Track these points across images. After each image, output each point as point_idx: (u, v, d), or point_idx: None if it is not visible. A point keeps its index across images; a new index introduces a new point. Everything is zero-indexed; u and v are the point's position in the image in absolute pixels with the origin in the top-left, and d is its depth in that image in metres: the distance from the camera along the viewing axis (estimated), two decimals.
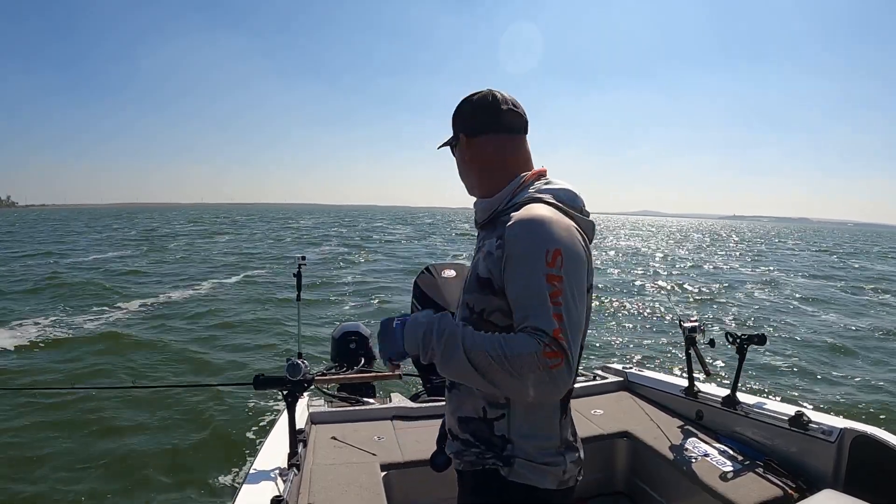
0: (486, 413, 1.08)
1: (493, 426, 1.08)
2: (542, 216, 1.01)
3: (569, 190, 1.12)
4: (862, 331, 9.45)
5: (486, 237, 1.12)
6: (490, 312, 1.06)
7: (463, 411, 1.12)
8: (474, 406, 1.10)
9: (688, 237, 49.06)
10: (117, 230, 40.19)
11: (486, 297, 1.06)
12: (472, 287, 1.10)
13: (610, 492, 2.21)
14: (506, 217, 1.06)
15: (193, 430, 4.68)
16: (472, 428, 1.11)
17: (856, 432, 1.69)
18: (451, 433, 1.18)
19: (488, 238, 1.09)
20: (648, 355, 7.32)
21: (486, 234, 1.13)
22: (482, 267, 1.07)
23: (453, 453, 1.17)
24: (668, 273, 17.97)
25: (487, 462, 1.08)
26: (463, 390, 1.11)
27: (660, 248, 31.29)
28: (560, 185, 1.12)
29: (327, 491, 1.70)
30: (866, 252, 37.45)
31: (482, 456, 1.09)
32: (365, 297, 11.65)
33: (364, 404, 2.52)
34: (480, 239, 1.16)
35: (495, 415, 1.07)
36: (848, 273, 20.64)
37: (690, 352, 2.23)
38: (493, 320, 1.06)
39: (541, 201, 1.07)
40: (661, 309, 10.78)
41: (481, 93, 1.17)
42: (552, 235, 0.97)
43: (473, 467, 1.11)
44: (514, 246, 0.99)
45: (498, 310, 1.05)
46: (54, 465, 4.05)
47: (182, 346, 7.47)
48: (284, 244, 27.52)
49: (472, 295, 1.09)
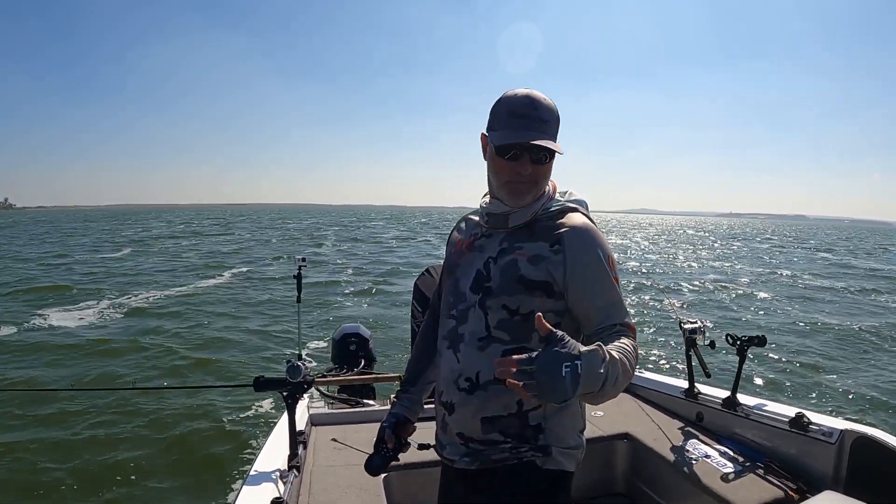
0: (523, 405, 1.09)
1: (527, 417, 1.09)
2: (592, 226, 1.10)
3: (585, 200, 1.18)
4: (862, 331, 9.45)
5: (516, 240, 1.12)
6: (541, 315, 1.05)
7: (489, 410, 1.10)
8: (505, 403, 1.09)
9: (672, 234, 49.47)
10: (107, 231, 40.14)
11: (539, 300, 1.07)
12: (511, 288, 1.09)
13: (610, 493, 2.21)
14: (548, 223, 1.11)
15: (193, 432, 4.67)
16: (501, 426, 1.10)
17: (856, 434, 1.69)
18: (460, 437, 1.14)
19: (524, 241, 1.11)
20: (649, 356, 7.32)
21: (513, 237, 1.13)
22: (529, 270, 1.08)
23: (465, 455, 1.13)
24: (662, 271, 17.99)
25: (524, 455, 1.09)
26: (492, 389, 1.08)
27: (654, 246, 31.34)
28: (580, 196, 1.18)
29: (327, 492, 1.70)
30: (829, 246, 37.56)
31: (516, 450, 1.09)
32: (352, 298, 11.66)
33: (364, 406, 2.53)
34: (502, 240, 1.14)
35: (531, 406, 1.08)
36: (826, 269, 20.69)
37: (691, 353, 2.23)
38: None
39: (577, 211, 1.13)
40: (662, 309, 10.78)
41: (543, 95, 1.10)
42: (605, 243, 1.09)
43: (505, 463, 1.10)
44: (584, 254, 1.06)
45: (551, 310, 1.07)
46: (54, 466, 4.04)
47: (182, 347, 7.47)
48: (284, 244, 27.55)
49: (516, 297, 1.08)
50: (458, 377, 1.13)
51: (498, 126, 1.09)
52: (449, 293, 1.21)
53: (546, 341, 0.83)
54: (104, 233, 38.78)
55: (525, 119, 1.06)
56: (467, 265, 1.18)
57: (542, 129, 1.07)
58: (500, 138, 1.07)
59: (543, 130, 1.07)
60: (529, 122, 1.06)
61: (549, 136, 1.07)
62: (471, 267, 1.16)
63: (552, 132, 1.08)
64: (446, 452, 1.18)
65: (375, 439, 1.26)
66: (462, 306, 1.15)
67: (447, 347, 1.17)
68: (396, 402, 1.31)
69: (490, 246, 1.15)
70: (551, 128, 1.08)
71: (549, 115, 1.08)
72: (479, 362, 1.10)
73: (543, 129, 1.07)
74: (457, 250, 1.24)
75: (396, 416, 1.28)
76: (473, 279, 1.15)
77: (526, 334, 1.08)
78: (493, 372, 1.04)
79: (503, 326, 1.09)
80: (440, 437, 1.22)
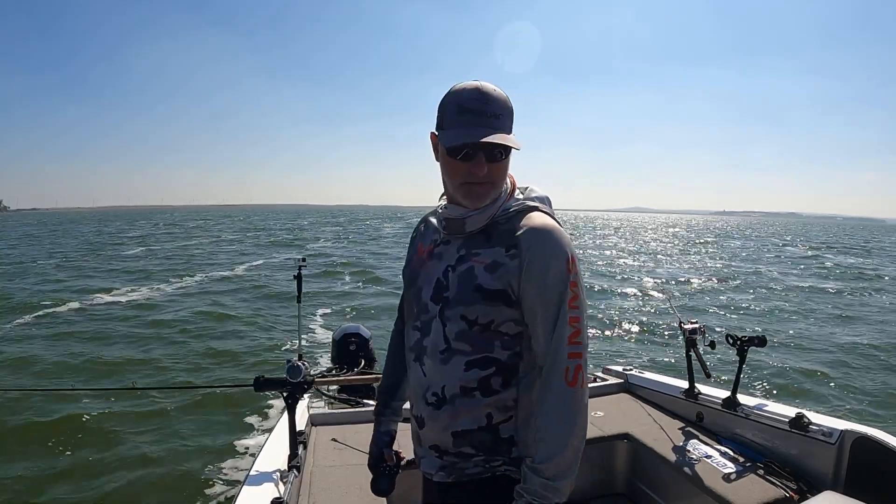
0: (492, 418, 1.04)
1: (498, 430, 1.05)
2: (553, 227, 1.01)
3: (548, 197, 1.10)
4: (861, 331, 9.45)
5: (473, 246, 1.05)
6: (500, 324, 1.02)
7: (458, 425, 1.05)
8: (475, 416, 1.04)
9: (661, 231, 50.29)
10: (108, 231, 40.27)
11: (497, 309, 1.01)
12: (468, 298, 1.02)
13: (610, 493, 2.21)
14: (505, 226, 1.03)
15: (193, 432, 4.68)
16: (472, 439, 1.05)
17: (856, 434, 1.69)
18: (435, 449, 1.10)
19: (481, 247, 1.04)
20: (649, 357, 7.32)
21: (470, 242, 1.06)
22: (487, 278, 1.01)
23: (441, 468, 1.10)
24: (655, 268, 17.99)
25: (497, 469, 1.05)
26: (459, 403, 1.04)
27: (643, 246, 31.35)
28: (541, 193, 1.10)
29: (327, 492, 1.70)
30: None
31: (488, 463, 1.05)
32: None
33: (364, 406, 2.53)
34: (460, 247, 1.07)
35: (501, 418, 1.04)
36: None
37: (691, 354, 2.23)
38: (503, 330, 1.02)
39: (537, 209, 1.05)
40: (662, 310, 10.78)
41: (494, 86, 1.02)
42: (566, 246, 1.00)
43: (480, 477, 1.06)
44: (539, 261, 0.98)
45: (511, 320, 1.02)
46: (53, 466, 4.05)
47: (182, 347, 7.48)
48: (281, 244, 27.57)
49: (474, 307, 1.02)
50: (426, 391, 1.08)
51: (447, 124, 1.01)
52: (413, 303, 1.14)
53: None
54: (103, 232, 38.85)
55: (476, 115, 0.98)
56: (428, 274, 1.11)
57: (496, 125, 0.98)
58: (451, 138, 0.99)
59: (497, 126, 0.98)
60: (481, 117, 0.98)
61: (504, 131, 0.99)
62: (431, 276, 1.10)
63: (506, 126, 1.00)
64: (423, 465, 1.15)
65: (371, 461, 1.25)
66: (425, 317, 1.09)
67: (413, 360, 1.12)
68: (381, 419, 1.28)
69: (448, 253, 1.09)
70: (505, 122, 1.00)
71: (502, 109, 1.00)
72: (443, 376, 1.05)
73: (497, 125, 0.98)
74: (418, 258, 1.17)
75: (388, 433, 1.27)
76: (433, 289, 1.08)
77: (488, 344, 1.03)
78: (458, 385, 1.04)
79: (462, 337, 1.03)
80: (416, 450, 1.17)
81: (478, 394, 1.03)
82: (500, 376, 1.03)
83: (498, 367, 1.03)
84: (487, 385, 1.03)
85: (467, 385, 1.03)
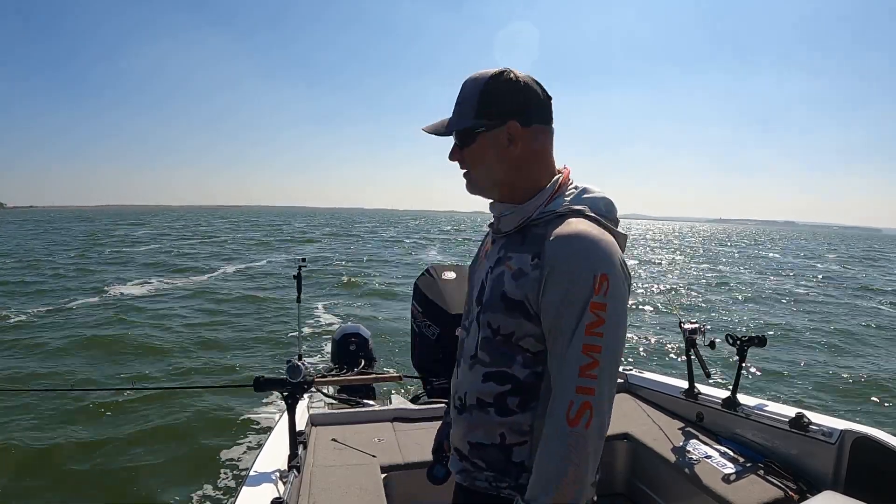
0: (506, 439, 0.98)
1: (511, 452, 0.98)
2: (589, 237, 0.87)
3: (608, 200, 0.97)
4: (861, 332, 9.45)
5: (510, 248, 0.98)
6: (521, 338, 0.94)
7: (475, 436, 1.02)
8: (488, 432, 1.00)
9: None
10: (109, 230, 40.31)
11: (517, 321, 0.93)
12: (495, 305, 0.96)
13: (610, 493, 2.20)
14: (540, 230, 0.94)
15: (193, 432, 4.67)
16: (484, 454, 1.01)
17: (856, 434, 1.69)
18: (457, 452, 1.09)
19: (515, 251, 0.96)
20: (649, 357, 7.32)
21: (509, 243, 0.99)
22: (511, 286, 0.94)
23: (459, 471, 1.09)
24: (659, 273, 17.98)
25: (502, 490, 1.01)
26: (476, 415, 1.01)
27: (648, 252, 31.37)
28: (598, 194, 0.97)
29: (327, 492, 1.70)
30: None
31: (495, 482, 1.01)
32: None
33: (364, 406, 2.52)
34: (501, 247, 1.01)
35: (516, 440, 0.98)
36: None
37: (691, 353, 2.23)
38: (524, 345, 0.94)
39: (581, 215, 0.93)
40: (662, 310, 10.78)
41: (520, 73, 0.96)
42: (598, 262, 0.86)
43: (485, 493, 1.04)
44: (561, 275, 0.86)
45: (531, 335, 0.93)
46: (52, 466, 4.05)
47: (182, 347, 7.47)
48: (281, 244, 27.57)
49: (497, 315, 0.96)
50: (455, 393, 1.08)
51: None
52: (467, 302, 1.12)
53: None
54: (105, 233, 38.85)
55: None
56: (478, 274, 1.08)
57: (455, 112, 0.99)
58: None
59: (455, 112, 0.98)
60: (454, 106, 1.00)
61: (464, 116, 0.97)
62: (479, 276, 1.07)
63: (465, 111, 0.97)
64: (451, 462, 1.14)
65: (434, 448, 1.26)
66: (470, 319, 1.07)
67: (458, 358, 1.10)
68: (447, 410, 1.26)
69: (492, 254, 1.04)
70: (466, 106, 0.97)
71: (466, 94, 0.97)
72: (467, 382, 1.03)
73: (456, 111, 0.98)
74: (480, 256, 1.14)
75: (449, 425, 1.22)
76: (477, 290, 1.05)
77: (507, 359, 0.96)
78: (475, 395, 1.01)
79: (485, 346, 0.99)
80: (451, 444, 1.17)
81: (492, 411, 0.99)
82: (517, 396, 0.97)
83: (515, 386, 0.96)
84: (503, 404, 0.98)
85: (483, 398, 1.00)
